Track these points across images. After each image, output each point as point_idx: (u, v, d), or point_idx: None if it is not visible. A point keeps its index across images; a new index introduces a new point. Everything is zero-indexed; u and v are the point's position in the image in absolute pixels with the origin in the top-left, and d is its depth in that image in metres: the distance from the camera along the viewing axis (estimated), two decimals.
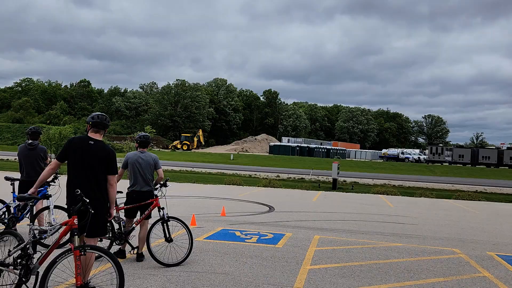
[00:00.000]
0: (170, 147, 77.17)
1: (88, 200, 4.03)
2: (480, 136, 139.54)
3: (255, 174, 33.84)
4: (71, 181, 4.42)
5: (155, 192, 6.37)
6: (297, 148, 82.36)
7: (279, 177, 32.64)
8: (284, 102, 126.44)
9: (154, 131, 24.66)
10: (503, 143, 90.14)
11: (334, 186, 23.99)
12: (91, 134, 4.55)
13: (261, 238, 8.26)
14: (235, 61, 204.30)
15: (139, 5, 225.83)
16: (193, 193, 16.64)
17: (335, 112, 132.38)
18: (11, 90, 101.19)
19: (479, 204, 18.92)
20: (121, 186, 6.12)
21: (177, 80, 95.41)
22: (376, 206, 15.69)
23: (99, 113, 4.68)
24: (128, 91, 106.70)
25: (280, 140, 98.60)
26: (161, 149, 74.30)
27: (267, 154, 79.29)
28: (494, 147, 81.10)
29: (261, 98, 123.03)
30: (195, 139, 79.97)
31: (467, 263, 7.20)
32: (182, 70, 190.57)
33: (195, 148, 78.50)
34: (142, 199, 6.24)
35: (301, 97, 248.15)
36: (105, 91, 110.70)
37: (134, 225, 6.27)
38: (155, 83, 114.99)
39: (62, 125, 54.59)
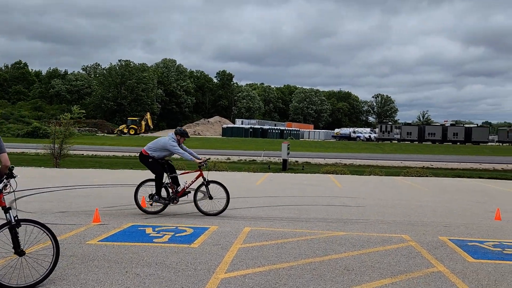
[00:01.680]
0: (115, 132, 73.39)
1: None
2: (426, 114, 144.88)
3: (204, 158, 32.16)
4: None
5: None
6: (251, 130, 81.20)
7: (230, 159, 31.15)
8: (236, 84, 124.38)
9: (84, 111, 22.24)
10: (447, 120, 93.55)
11: (284, 167, 22.87)
12: None
13: (176, 235, 6.72)
14: (190, 43, 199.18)
15: None
16: (122, 181, 14.79)
17: (288, 93, 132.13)
18: None
19: (426, 180, 18.40)
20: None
21: (120, 60, 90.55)
22: (323, 187, 14.59)
23: None
24: (70, 73, 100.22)
25: (234, 122, 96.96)
26: (105, 134, 70.54)
27: (220, 136, 77.53)
28: (438, 124, 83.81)
29: (214, 79, 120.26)
30: (143, 122, 76.58)
31: (418, 254, 6.05)
32: (133, 52, 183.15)
33: (143, 132, 75.23)
34: None
35: (256, 79, 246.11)
36: (44, 73, 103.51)
37: None
38: (98, 64, 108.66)
39: None
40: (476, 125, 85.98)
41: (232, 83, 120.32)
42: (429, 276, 5.09)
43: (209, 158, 9.22)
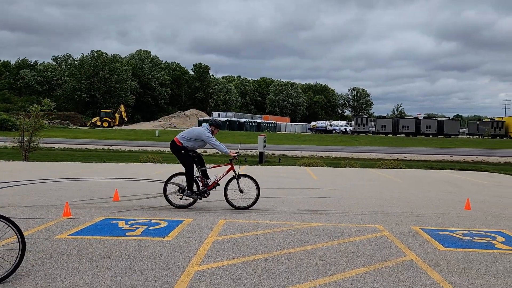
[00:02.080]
0: (88, 125, 71.84)
1: None
2: (400, 107, 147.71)
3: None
4: None
5: None
6: (227, 123, 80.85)
7: (206, 152, 30.99)
8: (212, 76, 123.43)
9: (54, 104, 21.62)
10: (420, 114, 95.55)
11: (261, 159, 22.89)
12: None
13: (150, 228, 6.60)
14: (165, 35, 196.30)
15: None
16: (96, 174, 14.47)
17: (264, 86, 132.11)
18: None
19: (400, 172, 18.75)
20: None
21: (92, 51, 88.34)
22: (299, 179, 14.66)
23: None
24: (40, 63, 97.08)
25: (210, 115, 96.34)
26: (78, 127, 68.97)
27: None
28: (412, 118, 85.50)
29: (190, 72, 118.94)
30: (117, 115, 75.20)
31: (391, 244, 6.14)
32: (107, 43, 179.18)
33: (117, 125, 73.92)
34: None
35: (233, 72, 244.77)
36: (12, 63, 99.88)
37: None
38: (70, 55, 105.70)
39: None
40: (448, 118, 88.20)
41: (208, 75, 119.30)
42: (401, 265, 5.17)
43: (239, 152, 8.92)
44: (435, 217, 8.33)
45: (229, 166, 8.68)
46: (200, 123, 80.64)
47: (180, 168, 8.88)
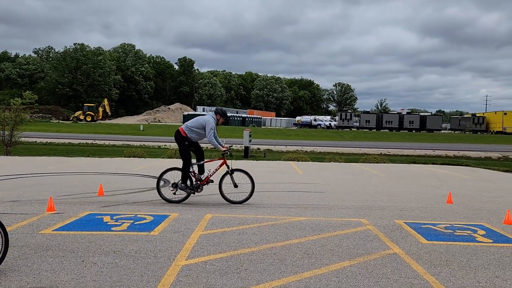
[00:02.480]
0: (71, 119, 70.74)
1: None
2: (383, 102, 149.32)
3: (165, 145, 31.67)
4: None
5: None
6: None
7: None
8: (197, 70, 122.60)
9: (36, 97, 21.21)
10: (403, 109, 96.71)
11: (246, 154, 22.91)
12: None
13: (135, 223, 6.57)
14: (150, 28, 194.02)
15: None
16: (79, 169, 14.29)
17: (250, 80, 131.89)
18: None
19: (384, 166, 18.99)
20: None
21: (75, 44, 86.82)
22: (285, 173, 14.73)
23: None
24: (20, 56, 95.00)
25: (195, 110, 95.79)
26: (60, 121, 67.87)
27: (181, 124, 76.46)
28: (395, 113, 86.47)
29: (175, 66, 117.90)
30: (100, 109, 74.17)
31: (375, 237, 6.24)
32: (90, 36, 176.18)
33: (101, 119, 72.94)
34: None
35: (218, 66, 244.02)
36: None
37: None
38: (51, 47, 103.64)
39: None
40: (430, 114, 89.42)
41: (193, 69, 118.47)
42: (385, 258, 5.26)
43: (232, 146, 8.85)
44: (418, 210, 8.48)
45: (222, 160, 8.62)
46: (185, 118, 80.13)
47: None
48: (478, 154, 30.90)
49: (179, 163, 10.27)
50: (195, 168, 8.54)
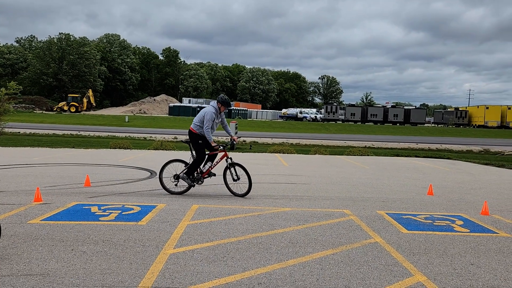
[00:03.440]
0: (55, 109, 69.73)
1: None
2: (369, 95, 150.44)
3: (150, 137, 31.57)
4: None
5: None
6: (198, 109, 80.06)
7: (177, 138, 30.81)
8: (183, 62, 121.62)
9: (21, 88, 20.92)
10: (388, 102, 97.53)
11: (232, 146, 23.00)
12: None
13: (123, 213, 6.65)
14: (136, 18, 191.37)
15: None
16: (64, 160, 14.21)
17: (236, 73, 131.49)
18: None
19: (368, 159, 19.31)
20: None
21: (60, 33, 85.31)
22: (270, 165, 14.90)
23: None
24: (2, 45, 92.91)
25: (180, 101, 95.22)
26: (44, 112, 66.87)
27: (167, 115, 76.01)
28: (380, 106, 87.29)
29: (160, 57, 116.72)
30: (85, 100, 73.22)
31: (357, 227, 6.45)
32: (75, 25, 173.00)
33: (85, 110, 72.05)
34: None
35: (205, 58, 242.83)
36: None
37: None
38: (34, 36, 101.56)
39: None
40: (414, 107, 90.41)
41: (179, 61, 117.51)
42: (367, 246, 5.46)
43: (240, 138, 9.01)
44: (399, 202, 8.74)
45: (223, 153, 8.69)
46: (170, 109, 79.66)
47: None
48: (460, 147, 31.56)
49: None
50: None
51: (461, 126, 78.20)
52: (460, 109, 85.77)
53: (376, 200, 8.85)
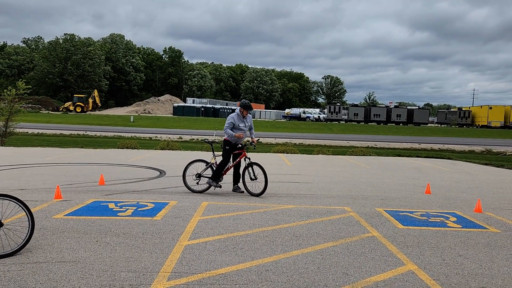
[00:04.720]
0: (61, 109, 70.52)
1: None
2: (372, 95, 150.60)
3: (156, 137, 32.14)
4: None
5: None
6: (202, 109, 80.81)
7: (182, 138, 31.38)
8: (187, 61, 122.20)
9: (30, 86, 21.48)
10: (391, 102, 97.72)
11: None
12: None
13: (138, 210, 7.17)
14: (141, 19, 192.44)
15: None
16: (75, 159, 14.76)
17: (240, 72, 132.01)
18: None
19: (370, 159, 19.75)
20: None
21: (65, 34, 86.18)
22: (274, 165, 15.38)
23: None
24: (9, 45, 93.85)
25: (184, 101, 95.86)
26: (50, 112, 67.62)
27: (171, 115, 76.63)
28: (383, 106, 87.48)
29: (164, 57, 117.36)
30: (90, 100, 73.98)
31: (357, 223, 6.92)
32: (81, 26, 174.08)
33: (91, 110, 72.79)
34: None
35: (209, 58, 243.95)
36: None
37: None
38: (41, 37, 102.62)
39: None
40: (417, 107, 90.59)
41: (183, 61, 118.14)
42: (364, 240, 5.94)
43: (259, 139, 9.68)
44: (398, 200, 9.20)
45: (242, 152, 9.19)
46: (175, 109, 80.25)
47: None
48: (462, 148, 31.92)
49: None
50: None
51: (464, 126, 78.36)
52: (463, 109, 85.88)
53: (376, 198, 9.31)
